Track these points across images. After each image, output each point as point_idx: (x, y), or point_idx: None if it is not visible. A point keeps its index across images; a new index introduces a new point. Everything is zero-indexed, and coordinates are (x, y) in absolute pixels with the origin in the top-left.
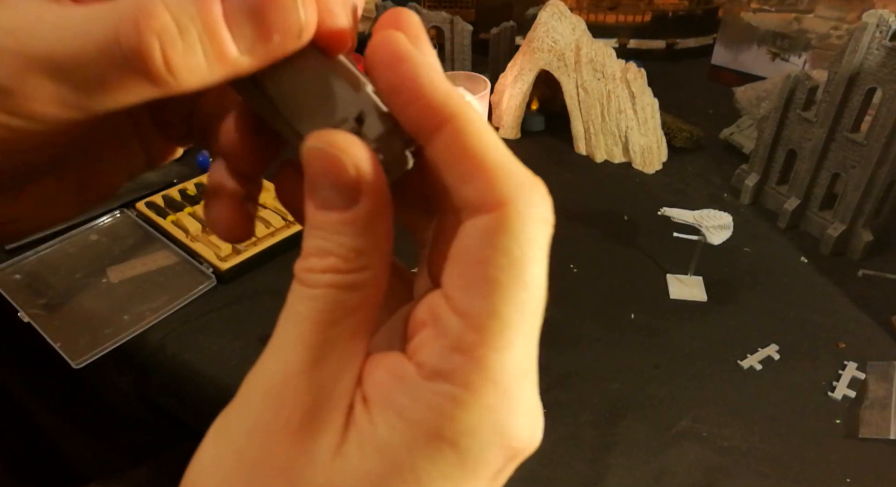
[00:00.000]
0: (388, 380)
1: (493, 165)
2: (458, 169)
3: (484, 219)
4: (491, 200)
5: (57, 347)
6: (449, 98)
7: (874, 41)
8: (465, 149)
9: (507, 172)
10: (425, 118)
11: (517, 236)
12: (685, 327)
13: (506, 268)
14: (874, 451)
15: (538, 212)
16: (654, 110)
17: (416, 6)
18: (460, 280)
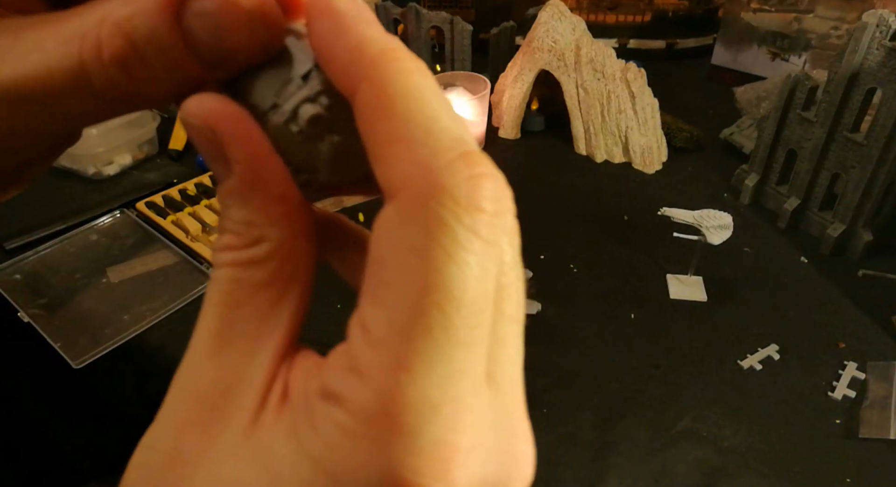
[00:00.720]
0: (299, 387)
1: (399, 135)
2: (368, 141)
3: (385, 209)
4: (391, 183)
5: (57, 347)
6: (368, 48)
7: (874, 41)
8: (373, 114)
9: (413, 144)
10: (345, 76)
11: (414, 229)
12: (685, 327)
13: (400, 268)
14: (874, 451)
15: (454, 194)
16: (654, 110)
17: (416, 6)
18: (366, 283)
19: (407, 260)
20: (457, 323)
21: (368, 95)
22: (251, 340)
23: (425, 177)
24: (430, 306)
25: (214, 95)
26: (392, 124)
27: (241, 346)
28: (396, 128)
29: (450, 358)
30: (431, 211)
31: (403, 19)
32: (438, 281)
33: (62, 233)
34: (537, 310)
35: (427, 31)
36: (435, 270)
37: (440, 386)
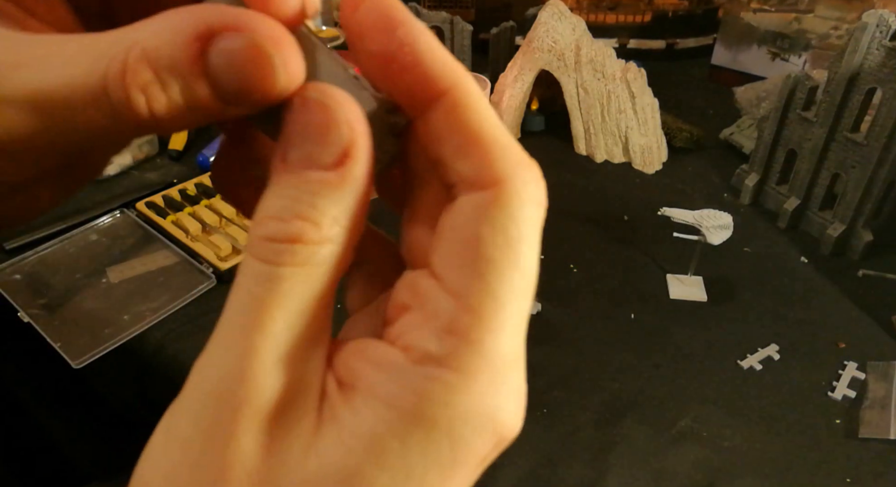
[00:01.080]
0: (369, 367)
1: (491, 141)
2: (455, 142)
3: (480, 195)
4: (488, 177)
5: (57, 347)
6: (449, 66)
7: (874, 41)
8: (464, 122)
9: (505, 149)
10: (422, 87)
11: (514, 214)
12: (685, 327)
13: (501, 247)
14: (874, 451)
15: (534, 192)
16: (654, 110)
17: (416, 6)
18: (453, 258)
19: (503, 241)
20: (528, 293)
21: (457, 105)
22: (306, 345)
23: (519, 176)
24: (519, 279)
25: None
26: (483, 129)
27: (296, 352)
28: (487, 132)
29: (523, 320)
30: (525, 202)
31: None
32: (523, 262)
33: (62, 233)
34: (537, 310)
35: None
36: (525, 254)
37: (519, 341)
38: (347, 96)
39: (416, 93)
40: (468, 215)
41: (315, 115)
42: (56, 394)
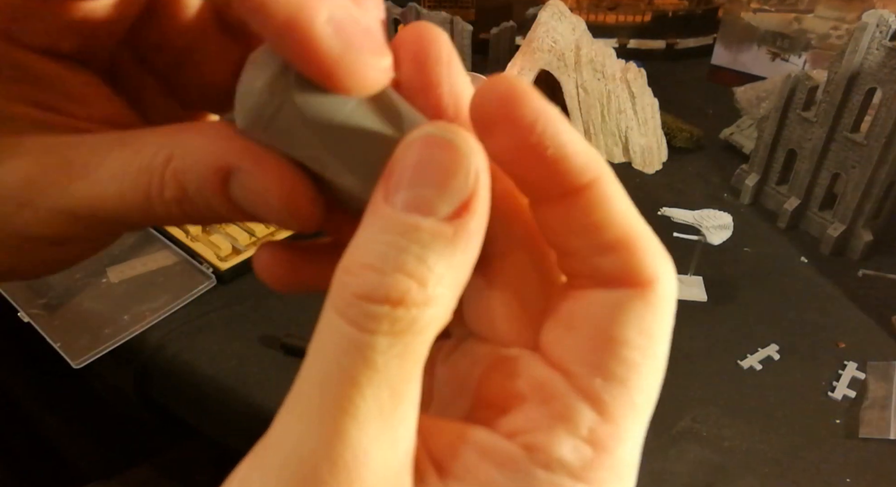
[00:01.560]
0: (482, 460)
1: (637, 238)
2: (597, 238)
3: (625, 293)
4: (637, 276)
5: (57, 347)
6: (593, 160)
7: (874, 41)
8: (608, 218)
9: (651, 246)
10: (560, 181)
11: (662, 317)
12: (685, 327)
13: (645, 351)
14: (874, 451)
15: (673, 290)
16: (654, 110)
17: (416, 6)
18: (587, 355)
19: (648, 345)
20: (656, 395)
21: (602, 199)
22: (403, 420)
23: (667, 276)
24: (655, 383)
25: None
26: (630, 226)
27: (395, 431)
28: (634, 229)
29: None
30: (671, 304)
31: (403, 19)
32: (660, 364)
33: None
34: None
35: None
36: (663, 356)
37: (640, 445)
38: (475, 140)
39: (551, 186)
40: (609, 312)
41: (440, 154)
42: (56, 394)
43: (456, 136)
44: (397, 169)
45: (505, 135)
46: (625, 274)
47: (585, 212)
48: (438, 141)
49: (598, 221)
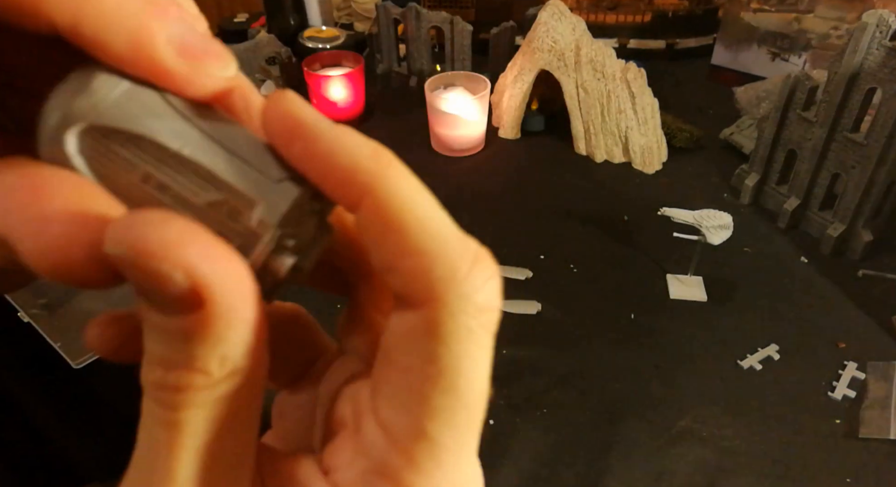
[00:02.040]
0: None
1: (418, 248)
2: (381, 252)
3: (409, 317)
4: (416, 294)
5: (57, 347)
6: (362, 162)
7: (874, 41)
8: (385, 228)
9: (435, 256)
10: (342, 192)
11: (447, 340)
12: (685, 327)
13: (434, 379)
14: (874, 451)
15: (476, 301)
16: (654, 110)
17: (416, 6)
18: (386, 386)
19: (436, 374)
20: (473, 422)
21: (375, 211)
22: (233, 465)
23: (452, 291)
24: (459, 413)
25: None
26: (406, 238)
27: (224, 477)
28: (411, 242)
29: (469, 451)
30: (462, 324)
31: (403, 19)
32: (463, 391)
33: None
34: (537, 310)
35: (427, 31)
36: (464, 384)
37: (463, 475)
38: (172, 226)
39: (342, 199)
40: (399, 340)
41: (136, 274)
42: (56, 394)
43: (138, 255)
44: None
45: (293, 149)
46: (406, 291)
47: (366, 224)
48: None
49: (378, 233)
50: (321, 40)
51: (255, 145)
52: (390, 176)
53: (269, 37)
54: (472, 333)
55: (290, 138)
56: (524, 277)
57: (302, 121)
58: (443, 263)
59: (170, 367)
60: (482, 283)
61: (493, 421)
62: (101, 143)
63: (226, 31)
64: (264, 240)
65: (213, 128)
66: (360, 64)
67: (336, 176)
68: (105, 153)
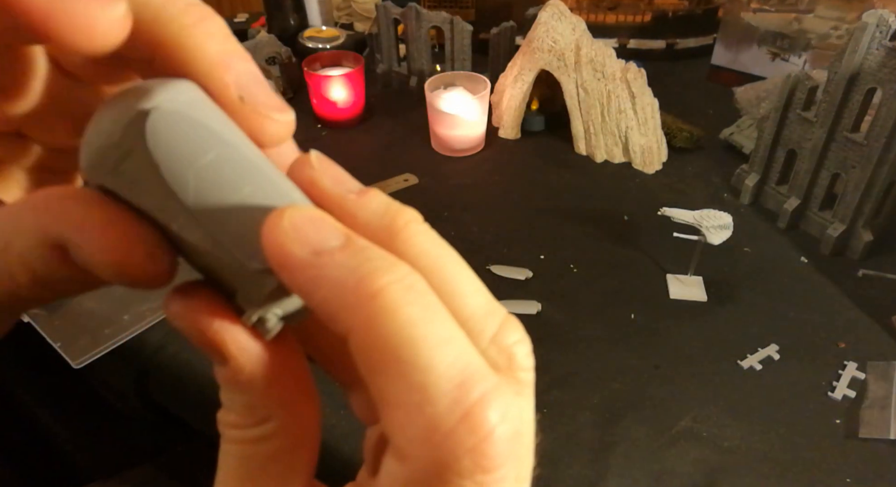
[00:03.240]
0: None
1: (399, 398)
2: (371, 388)
3: (394, 465)
4: (394, 441)
5: (57, 347)
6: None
7: (874, 41)
8: (371, 367)
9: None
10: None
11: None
12: (685, 327)
13: None
14: (874, 451)
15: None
16: (654, 110)
17: (416, 6)
18: None
19: None
20: None
21: (362, 342)
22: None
23: (429, 451)
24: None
25: (196, 289)
26: (389, 383)
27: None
28: (394, 388)
29: None
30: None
31: (403, 19)
32: None
33: None
34: (537, 310)
35: (427, 31)
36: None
37: None
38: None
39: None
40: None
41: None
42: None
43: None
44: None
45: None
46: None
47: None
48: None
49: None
50: (321, 40)
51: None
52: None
53: (269, 37)
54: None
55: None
56: (524, 277)
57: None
58: (419, 421)
59: (225, 410)
60: (468, 450)
61: None
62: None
63: None
64: (246, 314)
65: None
66: (360, 64)
67: (318, 311)
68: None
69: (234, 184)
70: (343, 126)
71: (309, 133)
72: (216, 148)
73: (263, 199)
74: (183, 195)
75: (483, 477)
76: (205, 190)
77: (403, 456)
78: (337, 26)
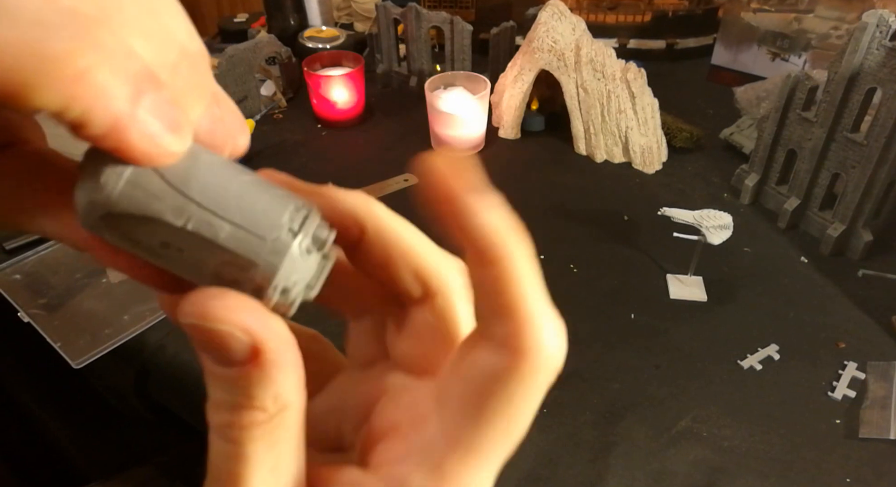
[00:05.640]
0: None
1: (527, 313)
2: (494, 304)
3: (503, 358)
4: (516, 346)
5: (57, 347)
6: (504, 237)
7: (874, 41)
8: (508, 291)
9: (538, 323)
10: (476, 251)
11: (526, 389)
12: (685, 327)
13: (503, 414)
14: (874, 451)
15: (552, 363)
16: (654, 110)
17: (416, 6)
18: (458, 401)
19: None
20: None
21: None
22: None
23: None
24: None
25: (221, 292)
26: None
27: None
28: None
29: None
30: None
31: (403, 19)
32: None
33: None
34: None
35: (427, 31)
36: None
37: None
38: (234, 301)
39: (470, 253)
40: (487, 372)
41: (205, 339)
42: (56, 394)
43: (207, 321)
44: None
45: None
46: (507, 340)
47: (493, 282)
48: (196, 330)
49: (500, 292)
50: (321, 40)
51: (247, 199)
52: (521, 247)
53: (269, 37)
54: (541, 387)
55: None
56: None
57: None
58: (543, 328)
59: (234, 409)
60: (558, 349)
61: None
62: (123, 221)
63: (226, 31)
64: (268, 292)
65: (206, 194)
66: (360, 64)
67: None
68: (128, 228)
69: (227, 180)
70: (343, 126)
71: (309, 133)
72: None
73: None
74: (172, 220)
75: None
76: (208, 190)
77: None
78: (337, 26)
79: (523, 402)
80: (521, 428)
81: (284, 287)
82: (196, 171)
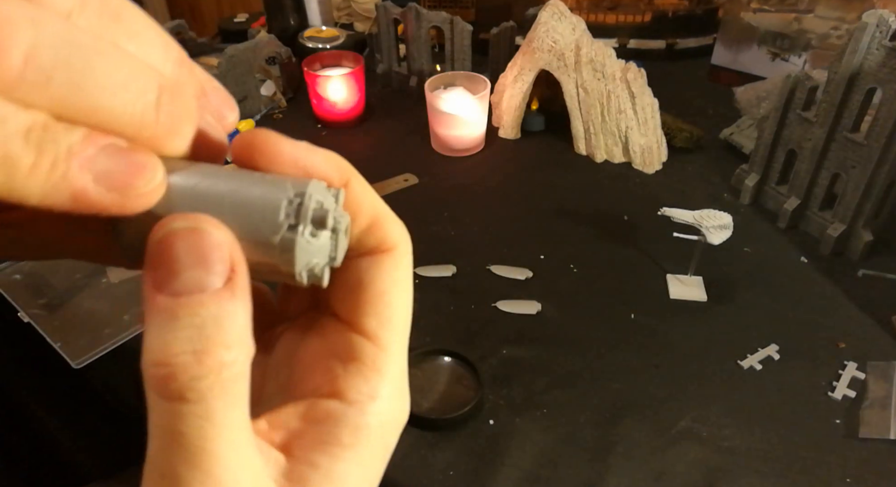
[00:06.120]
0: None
1: (383, 218)
2: (360, 220)
3: (379, 258)
4: (387, 242)
5: (57, 347)
6: (340, 165)
7: (874, 41)
8: (363, 205)
9: (393, 222)
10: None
11: (405, 269)
12: (685, 327)
13: (397, 294)
14: (874, 451)
15: (410, 248)
16: (654, 110)
17: (416, 6)
18: (364, 307)
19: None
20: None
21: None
22: (250, 441)
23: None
24: (410, 316)
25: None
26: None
27: (253, 450)
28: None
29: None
30: (409, 260)
31: (403, 19)
32: (410, 301)
33: None
34: (537, 310)
35: (427, 31)
36: (410, 294)
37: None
38: (212, 218)
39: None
40: (372, 272)
41: (195, 242)
42: (56, 394)
43: (199, 223)
44: (157, 263)
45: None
46: (379, 243)
47: (349, 204)
48: (187, 233)
49: (356, 209)
50: (321, 40)
51: (242, 210)
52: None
53: (269, 37)
54: (411, 264)
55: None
56: (524, 277)
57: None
58: (398, 224)
59: (199, 352)
60: (408, 237)
61: (493, 421)
62: None
63: (226, 31)
64: (296, 279)
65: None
66: (360, 64)
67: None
68: None
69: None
70: (343, 126)
71: (309, 133)
72: None
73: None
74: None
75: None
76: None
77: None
78: (337, 26)
79: (404, 281)
80: (409, 303)
81: (308, 269)
82: (185, 197)
